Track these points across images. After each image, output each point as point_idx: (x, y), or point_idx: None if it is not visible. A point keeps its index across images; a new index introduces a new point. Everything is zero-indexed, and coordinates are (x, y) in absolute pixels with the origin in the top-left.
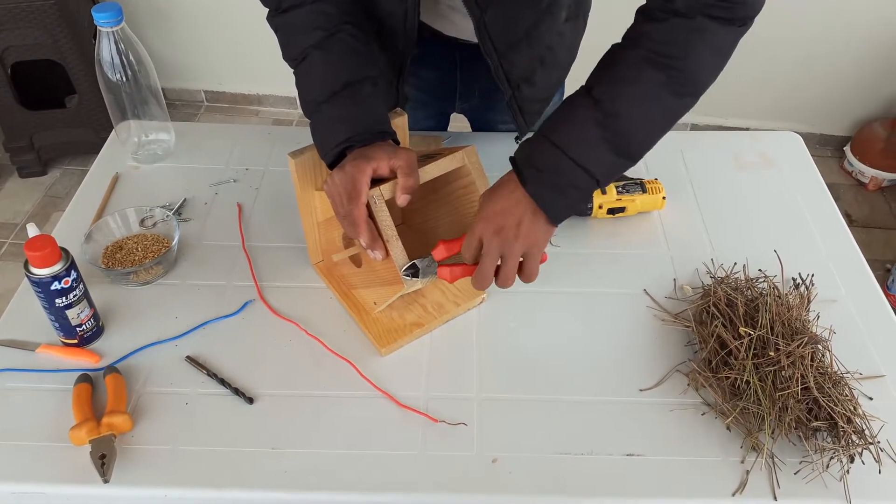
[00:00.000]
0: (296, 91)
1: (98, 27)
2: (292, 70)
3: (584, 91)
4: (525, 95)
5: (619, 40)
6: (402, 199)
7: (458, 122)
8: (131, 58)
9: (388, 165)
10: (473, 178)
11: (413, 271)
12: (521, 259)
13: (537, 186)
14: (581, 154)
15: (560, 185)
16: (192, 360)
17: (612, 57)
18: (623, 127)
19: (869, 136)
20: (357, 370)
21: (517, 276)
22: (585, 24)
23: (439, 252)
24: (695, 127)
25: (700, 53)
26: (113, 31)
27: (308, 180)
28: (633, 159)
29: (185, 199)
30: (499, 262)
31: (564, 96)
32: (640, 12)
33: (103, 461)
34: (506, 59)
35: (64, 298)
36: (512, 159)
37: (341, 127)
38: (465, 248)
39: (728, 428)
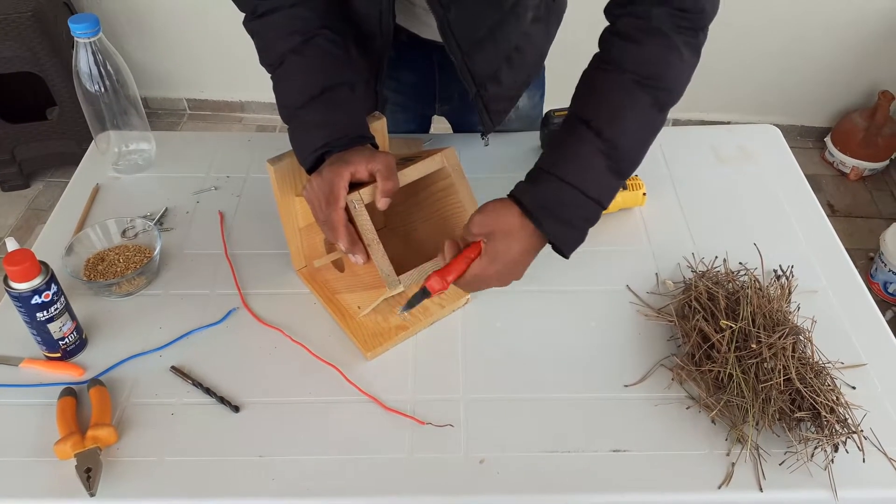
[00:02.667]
0: None
1: (75, 38)
2: (269, 75)
3: (582, 123)
4: (491, 94)
5: (592, 62)
6: (381, 203)
7: (441, 124)
8: (109, 68)
9: (366, 169)
10: (453, 179)
11: (408, 307)
12: None
13: (557, 228)
14: (594, 188)
15: (576, 221)
16: (176, 370)
17: (600, 84)
18: (624, 153)
19: (849, 126)
20: (343, 375)
21: None
22: (557, 27)
23: (433, 284)
24: (676, 122)
25: (679, 69)
26: (90, 42)
27: (288, 187)
28: (627, 177)
29: (166, 209)
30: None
31: (533, 95)
32: (615, 34)
33: (89, 475)
34: (470, 58)
35: (45, 312)
36: (516, 199)
37: (319, 132)
38: (467, 287)
39: (713, 421)
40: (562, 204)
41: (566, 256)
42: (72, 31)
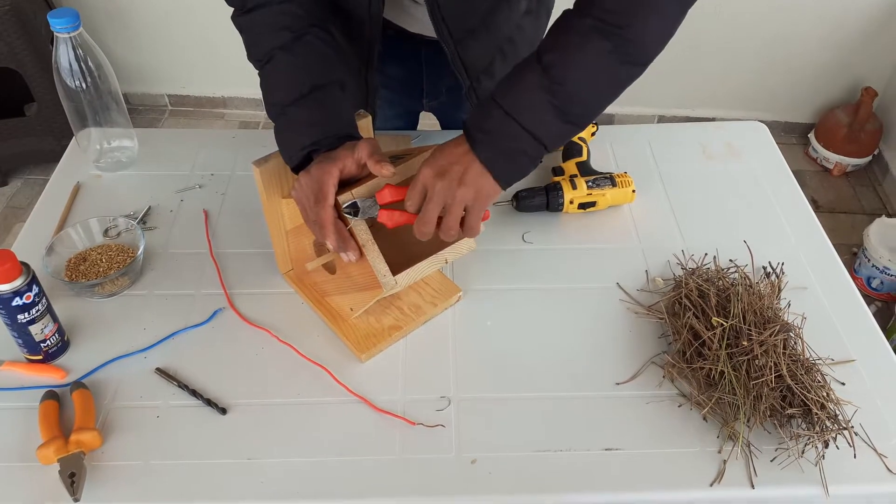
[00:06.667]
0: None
1: (55, 33)
2: (257, 71)
3: (535, 57)
4: (484, 87)
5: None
6: (386, 170)
7: (429, 120)
8: (90, 64)
9: (353, 161)
10: None
11: (353, 210)
12: (465, 212)
13: (486, 150)
14: (529, 119)
15: (509, 149)
16: (162, 371)
17: (563, 23)
18: (570, 94)
19: (832, 122)
20: (332, 376)
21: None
22: (548, 21)
23: (384, 195)
24: (661, 118)
25: (647, 22)
26: (70, 37)
27: (274, 189)
28: (579, 126)
29: (149, 207)
30: (442, 214)
31: None
32: None
33: (73, 479)
34: (462, 47)
35: (26, 314)
36: (463, 122)
37: (307, 130)
38: (408, 197)
39: (704, 418)
40: (498, 131)
41: (502, 187)
42: (51, 25)
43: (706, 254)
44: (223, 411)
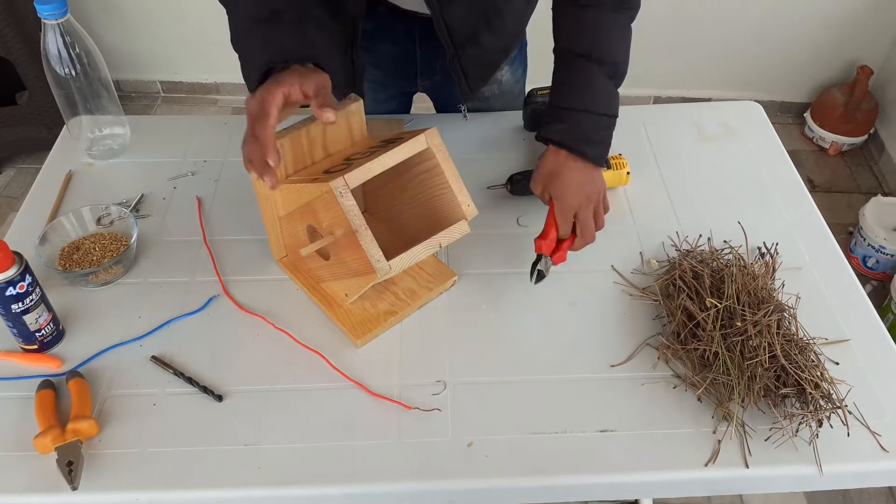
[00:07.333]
0: None
1: (42, 20)
2: (225, 10)
3: (583, 59)
4: (470, 56)
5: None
6: (326, 116)
7: (422, 104)
8: (79, 50)
9: (298, 89)
10: (437, 160)
11: (540, 276)
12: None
13: (597, 151)
14: (613, 107)
15: (604, 139)
16: (157, 359)
17: (584, 20)
18: (621, 69)
19: (828, 101)
20: (327, 361)
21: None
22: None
23: (548, 247)
24: (657, 99)
25: None
26: (58, 24)
27: None
28: None
29: (142, 195)
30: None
31: (515, 70)
32: None
33: (70, 468)
34: (447, 11)
35: (20, 304)
36: (553, 141)
37: (262, 52)
38: (562, 228)
39: (699, 399)
40: (596, 130)
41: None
42: (38, 12)
43: (700, 235)
44: (219, 398)
